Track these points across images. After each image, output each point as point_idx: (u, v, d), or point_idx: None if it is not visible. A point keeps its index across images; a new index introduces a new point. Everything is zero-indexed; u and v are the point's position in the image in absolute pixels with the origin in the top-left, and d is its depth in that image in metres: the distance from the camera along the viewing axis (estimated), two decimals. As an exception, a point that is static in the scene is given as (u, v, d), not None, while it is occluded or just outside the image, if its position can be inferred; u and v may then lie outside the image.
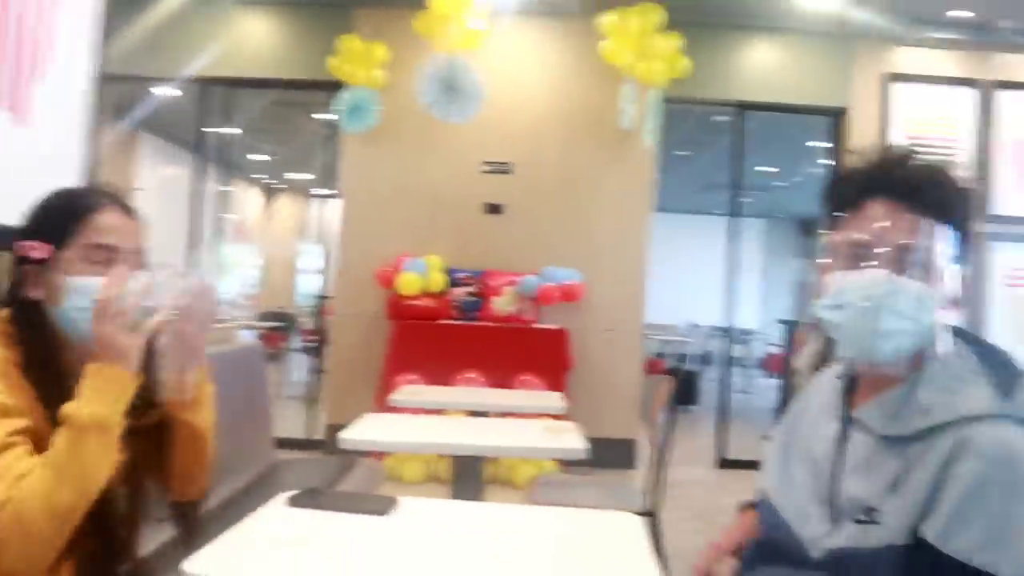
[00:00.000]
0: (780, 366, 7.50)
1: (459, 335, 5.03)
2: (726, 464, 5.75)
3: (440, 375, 4.77)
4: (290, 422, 5.51)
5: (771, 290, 14.79)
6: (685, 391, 8.67)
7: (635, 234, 5.45)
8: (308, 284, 11.27)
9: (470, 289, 5.21)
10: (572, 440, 2.36)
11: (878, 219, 1.06)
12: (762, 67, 5.67)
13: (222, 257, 9.29)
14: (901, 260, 1.03)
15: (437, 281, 5.11)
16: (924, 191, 1.06)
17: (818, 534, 1.07)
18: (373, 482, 3.28)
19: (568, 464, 4.37)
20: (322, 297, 6.65)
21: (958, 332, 1.08)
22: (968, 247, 1.09)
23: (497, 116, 5.33)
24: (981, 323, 5.63)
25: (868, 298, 1.02)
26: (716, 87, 5.64)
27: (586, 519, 1.52)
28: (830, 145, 5.99)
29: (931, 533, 0.96)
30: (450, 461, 2.74)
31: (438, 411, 4.04)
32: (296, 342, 9.91)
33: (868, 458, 1.06)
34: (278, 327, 9.49)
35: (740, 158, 5.94)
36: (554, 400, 3.36)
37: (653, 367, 5.52)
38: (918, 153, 1.11)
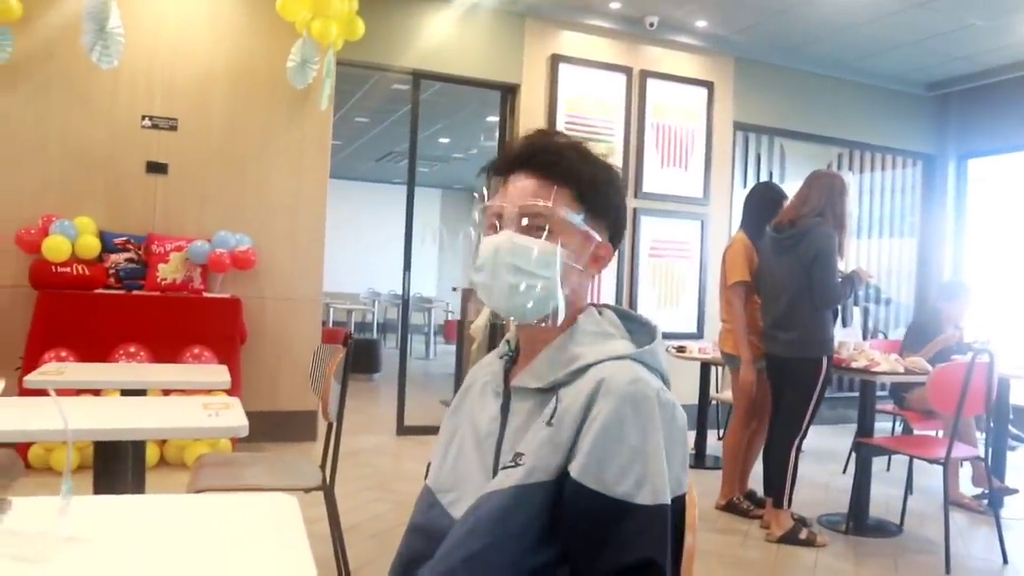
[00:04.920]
0: (456, 332, 8.34)
1: (118, 306, 4.90)
2: (406, 431, 6.19)
3: (97, 351, 4.66)
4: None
5: (448, 259, 16.14)
6: (365, 359, 9.16)
7: (312, 200, 5.64)
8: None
9: (130, 255, 5.09)
10: (233, 417, 2.29)
11: (516, 188, 1.21)
12: (438, 37, 6.08)
13: None
14: (529, 222, 1.18)
15: (89, 246, 4.93)
16: (561, 162, 1.20)
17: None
18: (7, 477, 3.08)
19: (242, 440, 4.62)
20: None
21: (603, 304, 1.29)
22: (607, 214, 1.25)
23: (161, 66, 5.22)
24: (634, 288, 6.71)
25: (496, 257, 1.17)
26: (392, 54, 5.97)
27: (240, 504, 1.47)
28: (503, 119, 6.62)
29: (576, 470, 1.06)
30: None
31: (95, 392, 4.14)
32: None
33: (526, 419, 1.17)
34: None
35: (416, 127, 6.37)
36: (219, 374, 3.30)
37: (332, 336, 5.95)
38: (562, 133, 1.27)
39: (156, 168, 5.28)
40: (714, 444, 5.92)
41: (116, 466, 2.42)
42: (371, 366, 9.38)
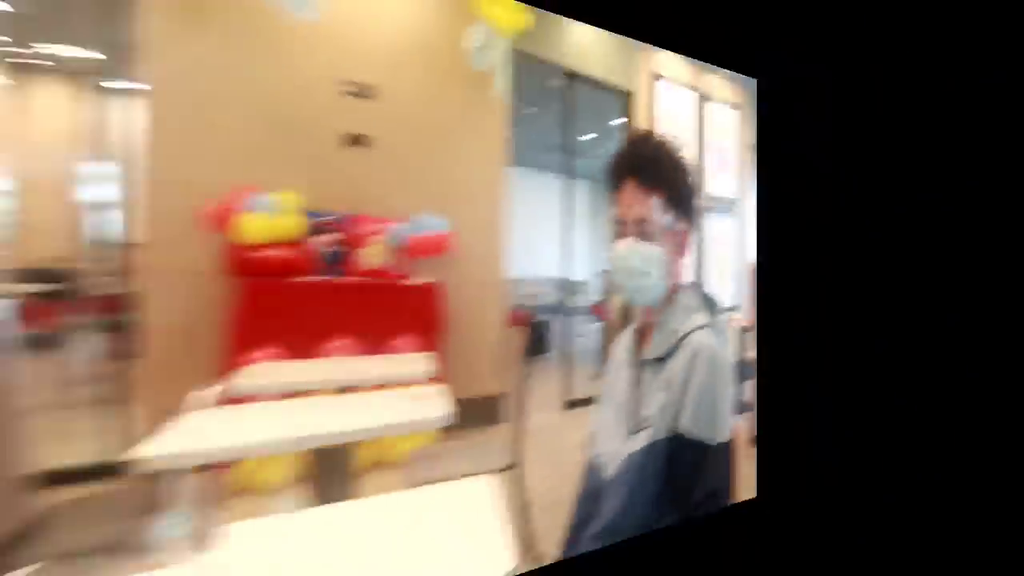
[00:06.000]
0: (601, 312, 8.46)
1: (324, 295, 4.27)
2: (571, 404, 6.15)
3: (302, 346, 4.07)
4: (79, 441, 3.79)
5: (593, 245, 16.12)
6: (540, 341, 8.91)
7: (495, 184, 5.38)
8: (98, 224, 7.13)
9: (336, 237, 4.49)
10: (436, 407, 2.25)
11: (628, 198, 1.54)
12: (582, 41, 6.26)
13: None
14: (642, 229, 1.52)
15: (292, 226, 4.20)
16: (656, 172, 1.56)
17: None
18: (210, 504, 2.61)
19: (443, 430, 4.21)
20: (124, 244, 4.39)
21: (687, 284, 1.63)
22: (690, 210, 1.62)
23: (351, 29, 4.65)
24: (703, 272, 7.35)
25: (624, 262, 1.52)
26: (551, 51, 6.02)
27: (441, 494, 1.62)
28: (624, 121, 6.95)
29: (683, 426, 1.38)
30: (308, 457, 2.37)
31: (306, 393, 3.58)
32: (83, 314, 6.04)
33: (650, 384, 1.47)
34: (50, 291, 5.49)
35: (572, 122, 6.39)
36: (425, 363, 3.24)
37: (515, 320, 5.55)
38: (655, 136, 1.61)
39: (356, 140, 4.70)
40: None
41: (330, 474, 2.34)
42: (544, 347, 8.96)
